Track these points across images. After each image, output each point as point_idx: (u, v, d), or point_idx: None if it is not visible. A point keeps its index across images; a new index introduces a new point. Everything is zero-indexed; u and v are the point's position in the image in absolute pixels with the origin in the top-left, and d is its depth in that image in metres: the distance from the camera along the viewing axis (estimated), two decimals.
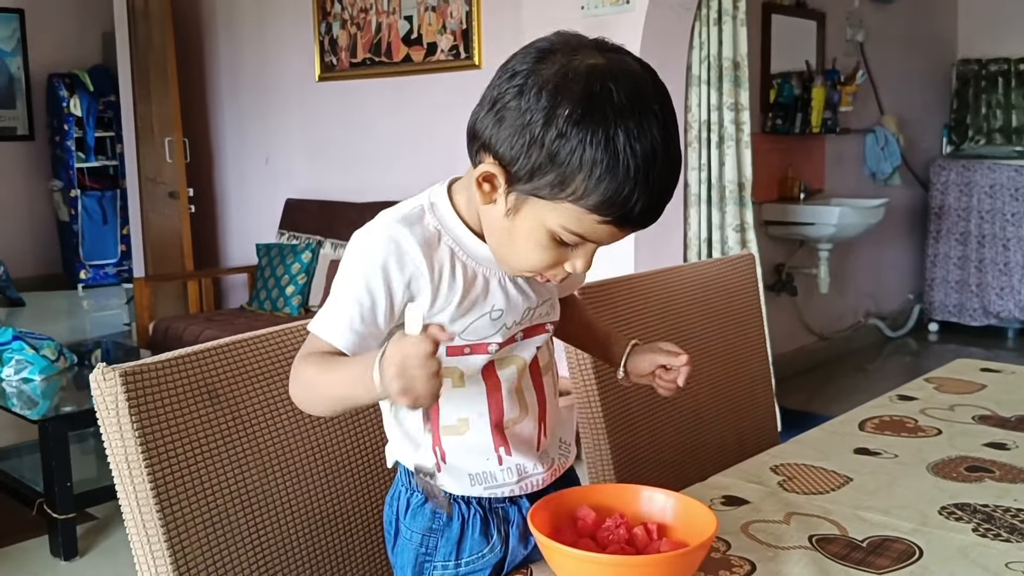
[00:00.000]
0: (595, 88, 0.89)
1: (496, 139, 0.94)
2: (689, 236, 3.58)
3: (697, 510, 1.05)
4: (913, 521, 1.20)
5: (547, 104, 0.90)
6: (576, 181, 0.90)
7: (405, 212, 1.03)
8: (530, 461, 1.10)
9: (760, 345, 1.97)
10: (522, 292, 1.06)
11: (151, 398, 1.08)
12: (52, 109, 7.57)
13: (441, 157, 4.16)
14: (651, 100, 0.92)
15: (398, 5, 4.36)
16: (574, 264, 0.99)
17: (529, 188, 0.93)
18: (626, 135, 0.89)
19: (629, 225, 0.94)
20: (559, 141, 0.89)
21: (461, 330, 1.02)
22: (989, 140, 5.87)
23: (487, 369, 1.06)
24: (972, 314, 5.56)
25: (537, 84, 0.91)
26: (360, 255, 1.00)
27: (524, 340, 1.08)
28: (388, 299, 0.99)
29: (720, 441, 1.82)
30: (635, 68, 0.94)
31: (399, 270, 0.99)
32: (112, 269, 7.66)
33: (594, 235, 0.95)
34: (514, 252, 0.99)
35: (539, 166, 0.91)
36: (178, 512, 1.09)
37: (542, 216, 0.94)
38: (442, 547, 1.10)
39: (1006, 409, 1.67)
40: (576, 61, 0.92)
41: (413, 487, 1.11)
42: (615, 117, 0.89)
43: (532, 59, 0.93)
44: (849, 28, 5.01)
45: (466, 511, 1.09)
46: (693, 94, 3.51)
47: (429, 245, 1.00)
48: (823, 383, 4.74)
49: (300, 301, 4.38)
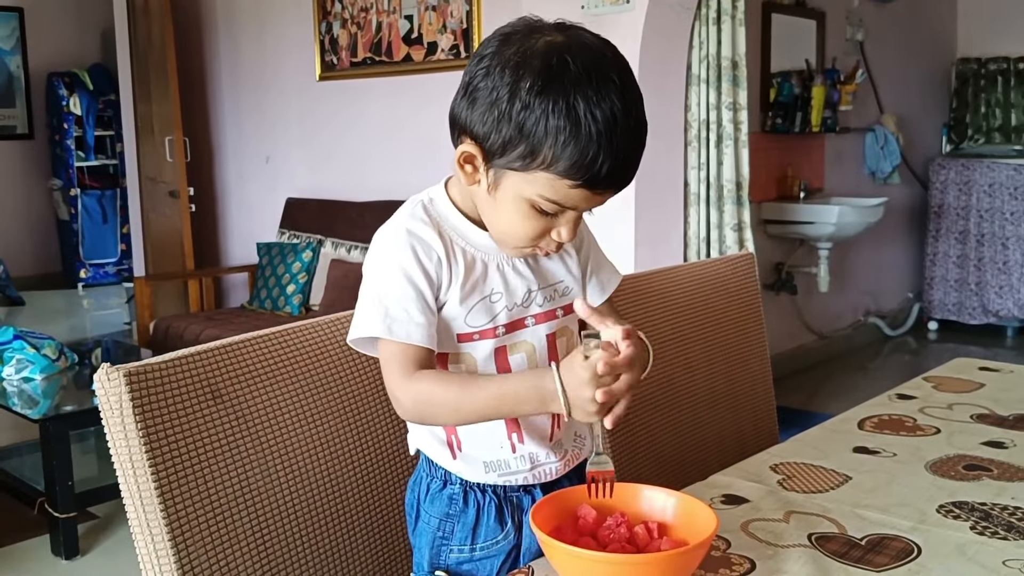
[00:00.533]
0: (553, 61, 0.96)
1: (470, 120, 1.01)
2: (688, 235, 3.58)
3: (697, 509, 1.05)
4: (911, 519, 1.21)
5: (510, 80, 0.97)
6: (544, 149, 0.97)
7: (409, 210, 1.11)
8: (543, 450, 1.14)
9: (760, 344, 1.98)
10: (520, 276, 1.11)
11: (155, 398, 1.09)
12: (52, 108, 7.58)
13: (441, 156, 4.17)
14: (608, 69, 0.98)
15: (398, 4, 4.36)
16: (559, 232, 1.04)
17: (504, 162, 1.00)
18: (586, 102, 0.95)
19: (599, 187, 1.00)
20: (524, 113, 0.96)
21: (464, 313, 1.07)
22: (988, 139, 5.88)
23: (499, 355, 1.10)
24: (971, 313, 5.57)
25: (501, 63, 0.98)
26: (391, 253, 1.07)
27: (535, 325, 1.12)
28: (429, 285, 1.05)
29: (719, 440, 1.83)
30: (592, 41, 1.00)
31: (427, 257, 1.06)
32: (112, 268, 7.67)
33: (570, 201, 1.01)
34: (502, 227, 1.05)
35: (510, 139, 0.98)
36: (182, 511, 1.10)
37: (519, 188, 1.01)
38: (458, 532, 1.14)
39: (1004, 408, 1.68)
40: (535, 39, 0.99)
41: (433, 473, 1.15)
42: (573, 86, 0.95)
43: (496, 42, 1.01)
44: (849, 27, 5.02)
45: (481, 499, 1.14)
46: (692, 93, 3.51)
47: (438, 234, 1.07)
48: (822, 382, 4.75)
49: (301, 300, 4.39)
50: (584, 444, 1.21)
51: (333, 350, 1.29)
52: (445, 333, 1.08)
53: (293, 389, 1.24)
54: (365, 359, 1.32)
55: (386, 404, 1.34)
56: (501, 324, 1.09)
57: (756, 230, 3.68)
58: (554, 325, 1.13)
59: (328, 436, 1.27)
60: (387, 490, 1.34)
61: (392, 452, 1.35)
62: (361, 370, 1.32)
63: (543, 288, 1.12)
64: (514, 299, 1.10)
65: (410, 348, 1.05)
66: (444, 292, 1.07)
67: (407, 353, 1.05)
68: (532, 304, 1.11)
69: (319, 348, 1.28)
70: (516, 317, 1.10)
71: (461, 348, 1.09)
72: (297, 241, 4.64)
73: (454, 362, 1.10)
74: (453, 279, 1.06)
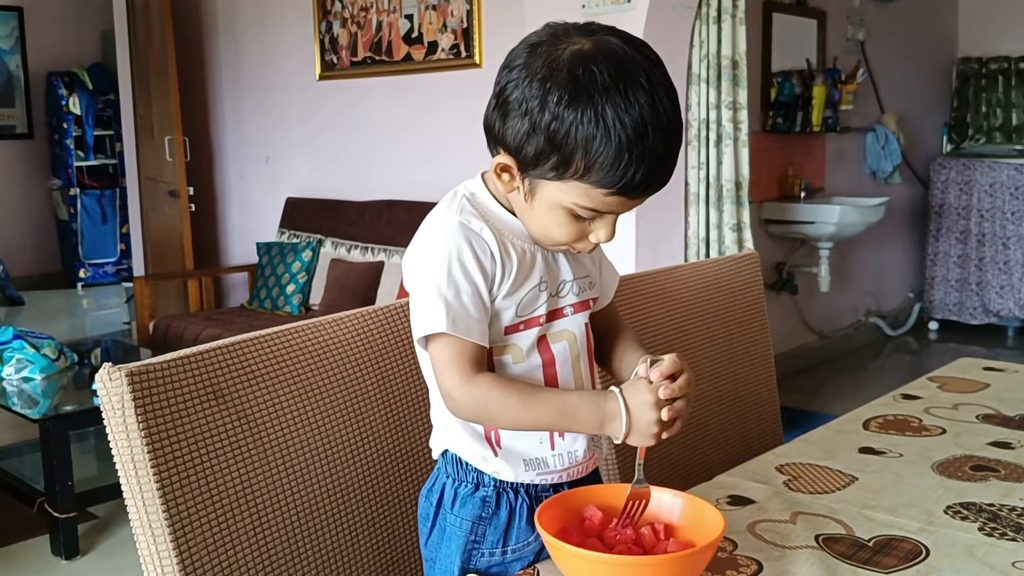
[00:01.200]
0: (578, 71, 0.97)
1: (503, 131, 1.02)
2: (688, 235, 3.57)
3: (704, 510, 1.04)
4: (919, 520, 1.20)
5: (538, 92, 0.98)
6: (575, 160, 0.98)
7: (456, 205, 1.09)
8: (581, 446, 1.15)
9: (764, 344, 1.97)
10: (560, 266, 1.13)
11: (157, 398, 1.08)
12: (51, 108, 7.56)
13: (442, 155, 4.16)
14: (636, 73, 0.97)
15: (399, 4, 4.35)
16: (597, 235, 1.06)
17: (538, 173, 1.02)
18: (614, 110, 0.96)
19: (635, 194, 1.01)
20: (554, 124, 0.97)
21: (515, 304, 1.08)
22: (989, 138, 5.87)
23: (542, 345, 1.11)
24: (972, 312, 5.57)
25: (529, 75, 0.99)
26: (447, 251, 1.05)
27: (574, 315, 1.14)
28: (484, 280, 1.05)
29: (724, 440, 1.82)
30: (618, 46, 1.00)
31: (482, 252, 1.06)
32: (111, 268, 7.66)
33: (606, 207, 1.02)
34: (540, 231, 1.07)
35: (542, 151, 0.99)
36: (184, 512, 1.09)
37: (555, 196, 1.02)
38: (490, 534, 1.14)
39: (1010, 408, 1.67)
40: (561, 49, 0.99)
41: (462, 477, 1.14)
42: (600, 95, 0.96)
43: (524, 53, 1.01)
44: (850, 27, 5.01)
45: (514, 500, 1.14)
46: (693, 92, 3.51)
47: (489, 228, 1.07)
48: (823, 382, 4.75)
49: (300, 300, 4.38)
50: (600, 448, 1.21)
51: (336, 350, 1.28)
52: (493, 327, 1.09)
53: (295, 389, 1.23)
54: (367, 359, 1.32)
55: (387, 404, 1.34)
56: (544, 312, 1.10)
57: (757, 230, 3.68)
58: (588, 316, 1.16)
59: (330, 436, 1.26)
60: (390, 491, 1.34)
61: (394, 453, 1.34)
62: (363, 370, 1.31)
63: (578, 279, 1.15)
64: (553, 288, 1.12)
65: (468, 345, 1.05)
66: (497, 287, 1.07)
67: (466, 351, 1.05)
68: (569, 294, 1.13)
69: (321, 348, 1.27)
70: (555, 307, 1.12)
71: (506, 340, 1.10)
72: (297, 241, 4.63)
73: (499, 354, 1.10)
74: (507, 272, 1.07)
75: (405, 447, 1.36)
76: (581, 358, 1.15)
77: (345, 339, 1.30)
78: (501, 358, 1.10)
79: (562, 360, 1.12)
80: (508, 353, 1.10)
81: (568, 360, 1.13)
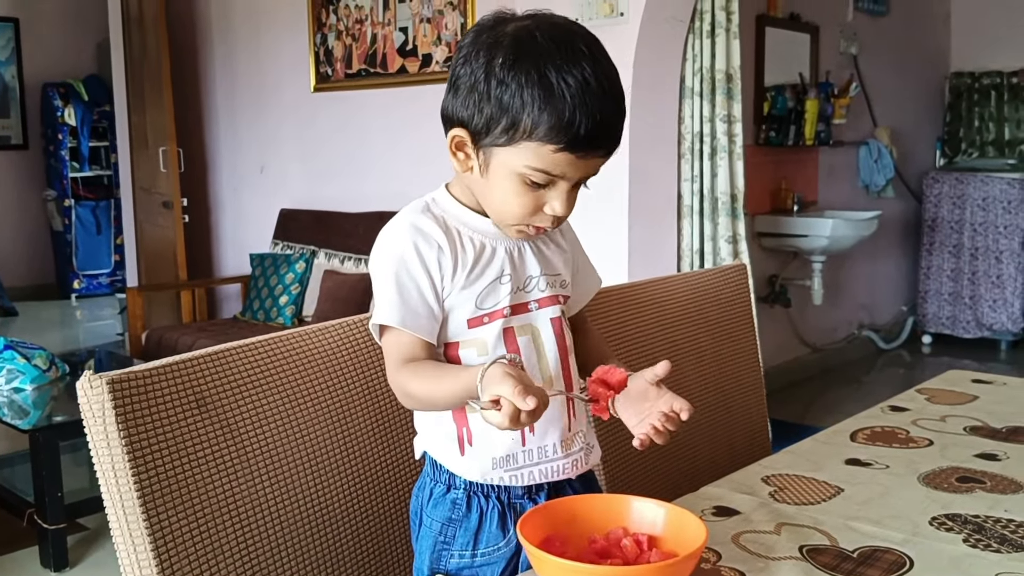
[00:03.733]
0: (521, 37, 1.03)
1: (455, 108, 1.07)
2: (682, 247, 3.58)
3: (687, 520, 1.04)
4: (904, 531, 1.20)
5: (484, 61, 1.03)
6: (523, 119, 1.01)
7: (412, 207, 1.14)
8: (552, 443, 1.15)
9: (752, 356, 1.97)
10: (526, 261, 1.15)
11: (138, 406, 1.08)
12: (46, 118, 7.56)
13: (435, 168, 4.16)
14: (577, 41, 1.03)
15: (393, 16, 4.37)
16: (552, 206, 1.07)
17: (490, 140, 1.05)
18: (556, 69, 1.00)
19: (580, 149, 1.02)
20: (500, 88, 1.02)
21: (473, 297, 1.11)
22: (982, 153, 5.90)
23: (508, 338, 1.13)
24: (965, 326, 5.57)
25: (476, 50, 1.05)
26: (391, 248, 1.10)
27: (539, 309, 1.15)
28: (428, 277, 1.09)
29: (712, 451, 1.82)
30: (560, 20, 1.06)
31: (428, 247, 1.09)
32: (105, 279, 7.64)
33: (557, 168, 1.04)
34: (497, 205, 1.09)
35: (491, 117, 1.03)
36: (165, 522, 1.09)
37: (508, 163, 1.05)
38: (460, 537, 1.15)
39: (997, 420, 1.67)
40: (506, 26, 1.05)
41: (436, 477, 1.16)
42: (543, 57, 1.01)
43: (472, 35, 1.07)
44: (843, 41, 5.03)
45: (484, 504, 1.14)
46: (686, 106, 3.52)
47: (441, 226, 1.11)
48: (817, 395, 4.75)
49: (293, 311, 4.37)
50: (594, 452, 1.22)
51: (320, 359, 1.28)
52: (454, 321, 1.11)
53: (279, 398, 1.22)
54: (352, 368, 1.31)
55: (373, 414, 1.33)
56: (508, 305, 1.12)
57: (750, 243, 3.68)
58: (558, 311, 1.17)
59: (315, 446, 1.26)
60: (375, 502, 1.33)
61: (380, 463, 1.34)
62: (348, 379, 1.31)
63: (546, 275, 1.16)
64: (519, 282, 1.13)
65: (406, 338, 1.09)
66: (449, 280, 1.10)
67: (402, 344, 1.10)
68: (534, 289, 1.15)
69: (306, 357, 1.27)
70: (520, 300, 1.13)
71: (471, 334, 1.11)
72: (290, 252, 4.63)
73: (464, 348, 1.12)
74: (459, 266, 1.10)
75: (391, 458, 1.35)
76: (547, 352, 1.15)
77: (331, 348, 1.30)
78: (465, 352, 1.12)
79: (527, 354, 1.13)
80: (472, 347, 1.12)
81: (533, 353, 1.14)
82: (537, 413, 0.96)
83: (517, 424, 0.96)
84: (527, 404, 0.94)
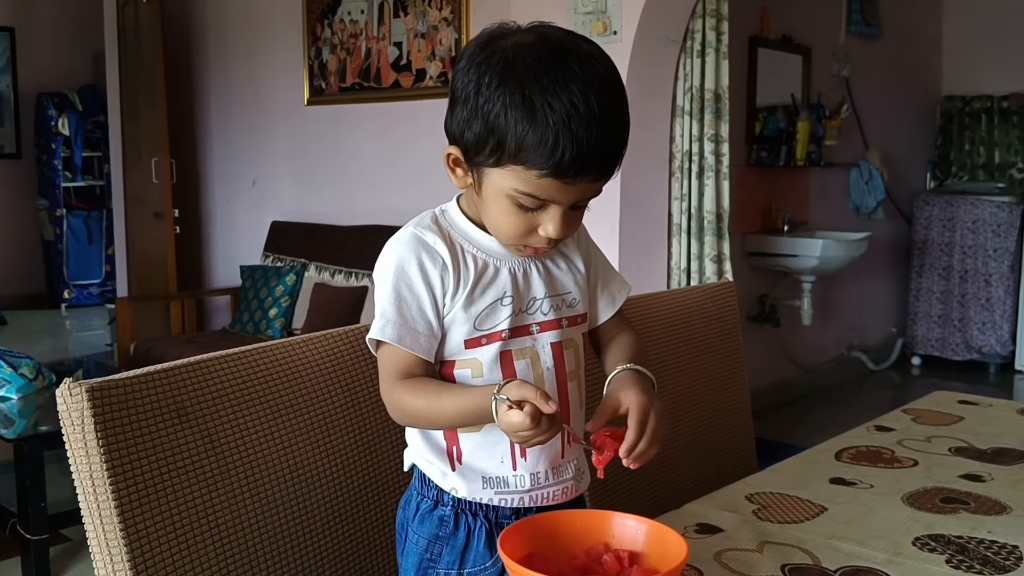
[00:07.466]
0: (510, 57, 0.99)
1: (451, 123, 1.05)
2: (671, 265, 3.58)
3: (668, 537, 1.03)
4: (887, 551, 1.20)
5: (475, 78, 1.01)
6: (508, 141, 0.99)
7: (418, 220, 1.12)
8: (543, 469, 1.13)
9: (739, 372, 1.97)
10: (531, 282, 1.12)
11: (118, 415, 1.07)
12: (40, 128, 7.56)
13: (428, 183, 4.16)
14: (570, 60, 0.98)
15: (388, 31, 4.38)
16: (546, 228, 1.04)
17: (480, 160, 1.03)
18: (541, 92, 0.97)
19: (567, 176, 0.99)
20: (487, 107, 0.99)
21: (472, 317, 1.08)
22: (972, 176, 5.93)
23: (504, 359, 1.10)
24: (954, 348, 5.58)
25: (470, 65, 1.02)
26: (395, 262, 1.09)
27: (539, 333, 1.12)
28: (429, 293, 1.07)
29: (697, 468, 1.81)
30: (559, 36, 1.02)
31: (432, 262, 1.08)
32: (96, 289, 7.62)
33: (544, 193, 1.01)
34: (493, 224, 1.08)
35: (480, 135, 1.01)
36: (143, 532, 1.08)
37: (498, 184, 1.03)
38: (447, 555, 1.13)
39: (982, 441, 1.67)
40: (503, 42, 1.02)
41: (424, 492, 1.15)
42: (529, 78, 0.97)
43: (471, 47, 1.04)
44: (835, 63, 5.06)
45: (472, 523, 1.13)
46: (677, 125, 3.53)
47: (446, 241, 1.09)
48: (805, 415, 4.74)
49: (283, 324, 4.36)
50: (584, 478, 1.20)
51: (303, 371, 1.28)
52: (451, 340, 1.09)
53: (262, 409, 1.22)
54: (336, 381, 1.31)
55: (356, 426, 1.33)
56: (507, 328, 1.09)
57: (740, 262, 3.69)
58: (559, 335, 1.14)
59: (297, 458, 1.25)
60: (357, 515, 1.32)
61: (361, 475, 1.33)
62: (332, 391, 1.30)
63: (551, 297, 1.13)
64: (521, 304, 1.11)
65: (401, 354, 1.08)
66: (451, 297, 1.08)
67: (397, 360, 1.08)
68: (537, 312, 1.12)
69: (289, 368, 1.26)
70: (521, 323, 1.11)
71: (467, 354, 1.09)
72: (281, 264, 4.62)
73: (459, 368, 1.10)
74: (461, 284, 1.08)
75: (374, 471, 1.35)
76: (545, 378, 1.12)
77: (314, 360, 1.29)
78: (460, 372, 1.10)
79: (524, 378, 1.09)
80: (468, 367, 1.10)
81: (530, 378, 1.10)
82: (555, 425, 0.97)
83: (537, 425, 0.96)
84: (549, 408, 0.95)
